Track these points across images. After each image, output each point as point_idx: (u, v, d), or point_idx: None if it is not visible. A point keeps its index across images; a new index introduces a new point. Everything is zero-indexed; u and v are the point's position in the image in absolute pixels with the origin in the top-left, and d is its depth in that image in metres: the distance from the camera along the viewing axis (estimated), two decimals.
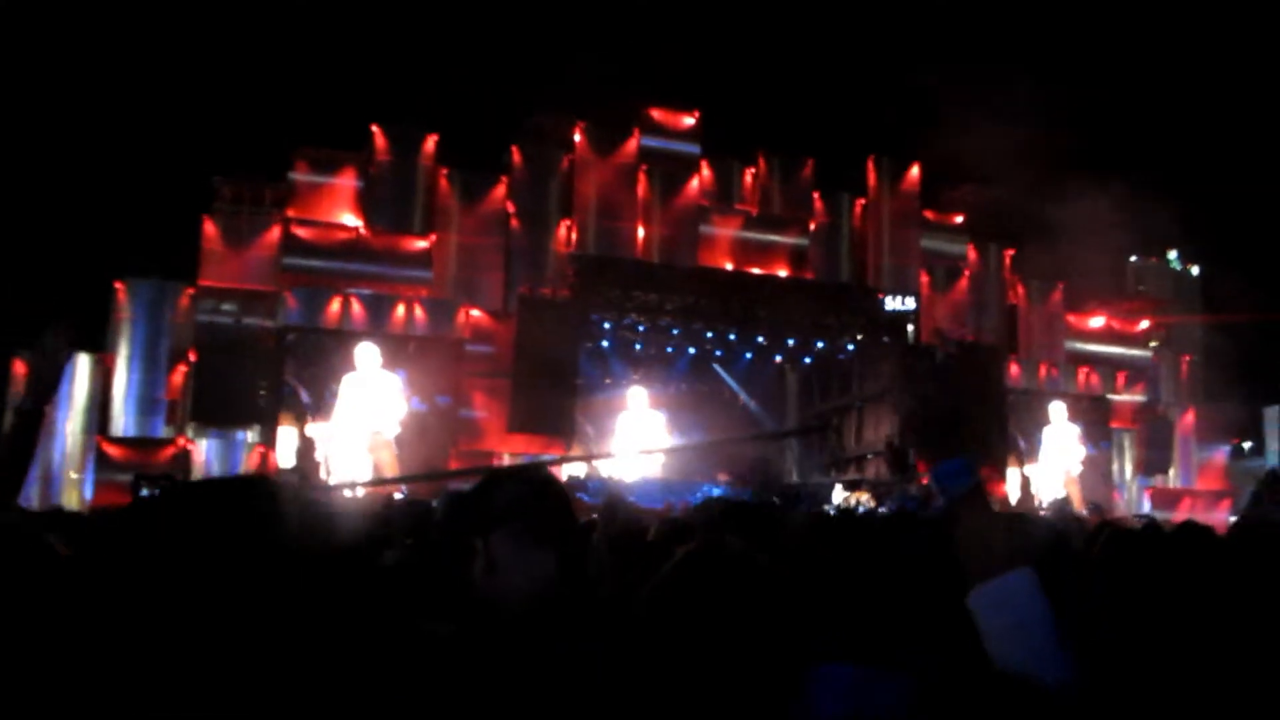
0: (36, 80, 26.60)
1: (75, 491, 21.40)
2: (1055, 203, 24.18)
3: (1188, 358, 29.92)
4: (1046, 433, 26.83)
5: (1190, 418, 29.39)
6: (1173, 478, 29.01)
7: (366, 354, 21.85)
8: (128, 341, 21.69)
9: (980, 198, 27.19)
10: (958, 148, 22.44)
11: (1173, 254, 30.96)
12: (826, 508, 22.41)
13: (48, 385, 2.98)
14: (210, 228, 21.94)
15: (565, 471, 23.06)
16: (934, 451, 2.40)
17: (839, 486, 24.89)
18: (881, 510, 19.72)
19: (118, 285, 21.91)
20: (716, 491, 22.20)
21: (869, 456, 27.84)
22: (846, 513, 10.41)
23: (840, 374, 29.52)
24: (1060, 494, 26.40)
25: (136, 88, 27.40)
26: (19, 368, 21.47)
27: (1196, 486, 29.04)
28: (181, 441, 21.22)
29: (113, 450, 20.83)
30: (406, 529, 6.27)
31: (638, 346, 27.30)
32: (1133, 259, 30.66)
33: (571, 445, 23.28)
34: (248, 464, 21.48)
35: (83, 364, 21.79)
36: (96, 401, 21.63)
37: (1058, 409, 27.01)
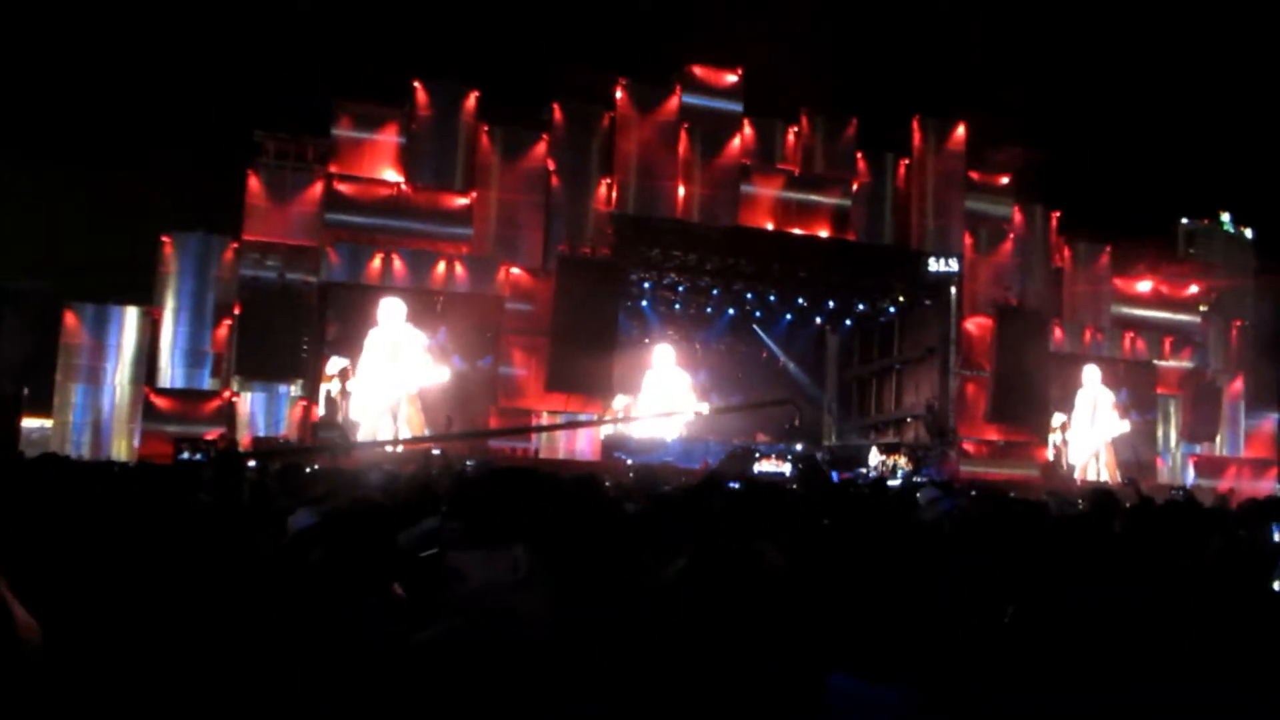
0: (86, 37, 26.84)
1: (125, 440, 21.90)
2: (1104, 163, 23.71)
3: (1238, 323, 29.32)
4: (1080, 397, 26.51)
5: (1239, 384, 28.89)
6: (1219, 445, 28.60)
7: (391, 309, 22.05)
8: (174, 295, 22.02)
9: (1026, 159, 26.71)
10: (1004, 108, 22.02)
11: (1225, 216, 30.17)
12: (861, 470, 22.44)
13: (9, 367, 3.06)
14: (254, 183, 22.12)
15: (603, 430, 23.24)
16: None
17: (875, 449, 24.85)
18: (919, 479, 19.71)
19: (164, 239, 22.21)
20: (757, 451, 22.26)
21: (908, 420, 27.72)
22: (879, 484, 10.40)
23: (882, 336, 29.34)
24: (1092, 464, 26.20)
25: (181, 43, 27.60)
26: (69, 318, 21.96)
27: (1244, 455, 28.62)
28: (227, 394, 21.60)
29: (160, 401, 21.25)
30: (446, 493, 6.35)
31: (677, 306, 27.26)
32: (1184, 221, 29.95)
33: (609, 404, 23.40)
34: (290, 417, 21.83)
35: (131, 317, 22.20)
36: (144, 354, 22.04)
37: (1091, 373, 26.66)
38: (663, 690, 1.54)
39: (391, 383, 21.79)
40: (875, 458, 23.92)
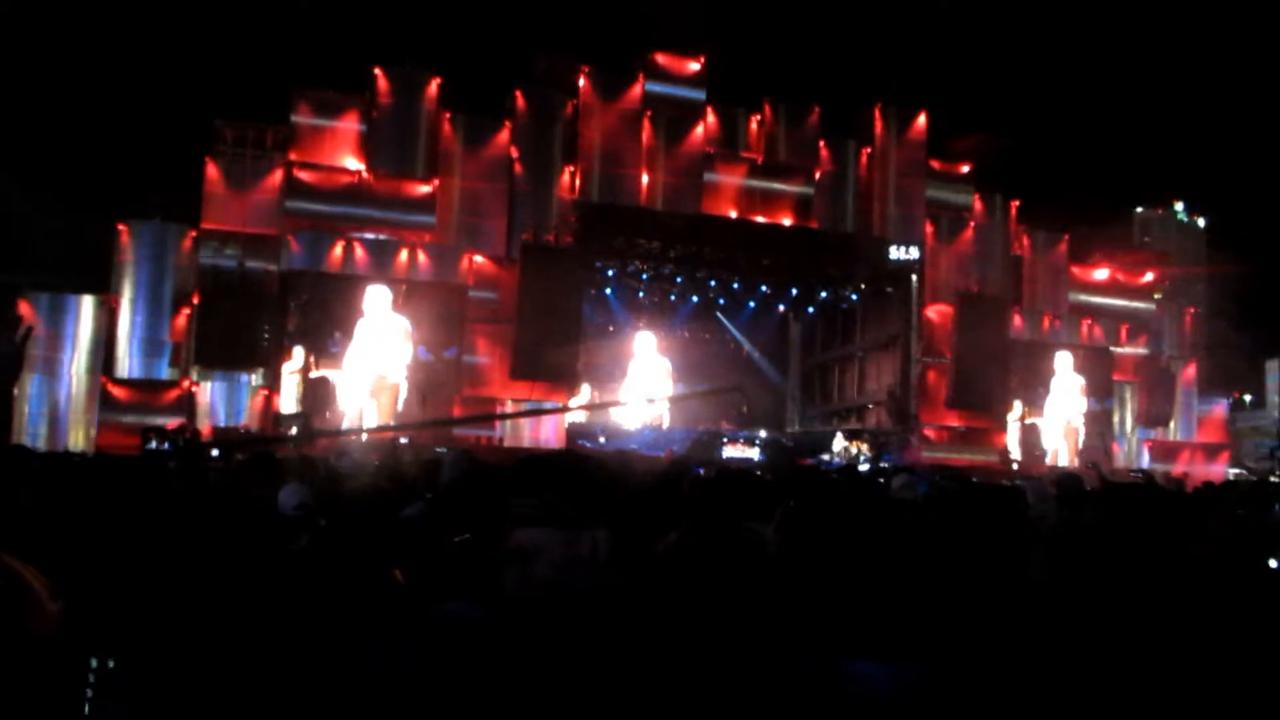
0: (42, 23, 26.34)
1: (81, 431, 21.56)
2: (1062, 153, 24.02)
3: (1191, 310, 29.87)
4: (1054, 384, 26.95)
5: (1192, 370, 29.43)
6: (1173, 430, 29.12)
7: (376, 297, 21.92)
8: (131, 284, 21.70)
9: (987, 148, 26.98)
10: (965, 97, 22.24)
11: (1179, 205, 30.70)
12: (825, 456, 22.64)
13: (9, 367, 3.01)
14: (212, 170, 21.84)
15: (568, 419, 23.25)
16: None
17: (839, 435, 25.06)
18: (882, 464, 19.92)
19: (121, 227, 21.86)
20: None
21: (870, 406, 27.96)
22: (850, 469, 10.50)
23: (844, 324, 29.55)
24: (1062, 448, 26.65)
25: (137, 28, 27.15)
26: (24, 308, 21.55)
27: (1196, 439, 29.15)
28: (186, 384, 21.33)
29: (118, 391, 20.95)
30: (424, 483, 6.33)
31: (641, 294, 27.31)
32: (1139, 210, 30.44)
33: (574, 392, 23.41)
34: (251, 407, 21.63)
35: (87, 306, 21.84)
36: (101, 343, 21.68)
37: (1064, 359, 27.08)
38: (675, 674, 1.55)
39: (375, 372, 21.69)
40: (839, 444, 24.12)
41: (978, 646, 1.93)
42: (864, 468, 17.46)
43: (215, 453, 9.57)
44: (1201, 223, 31.01)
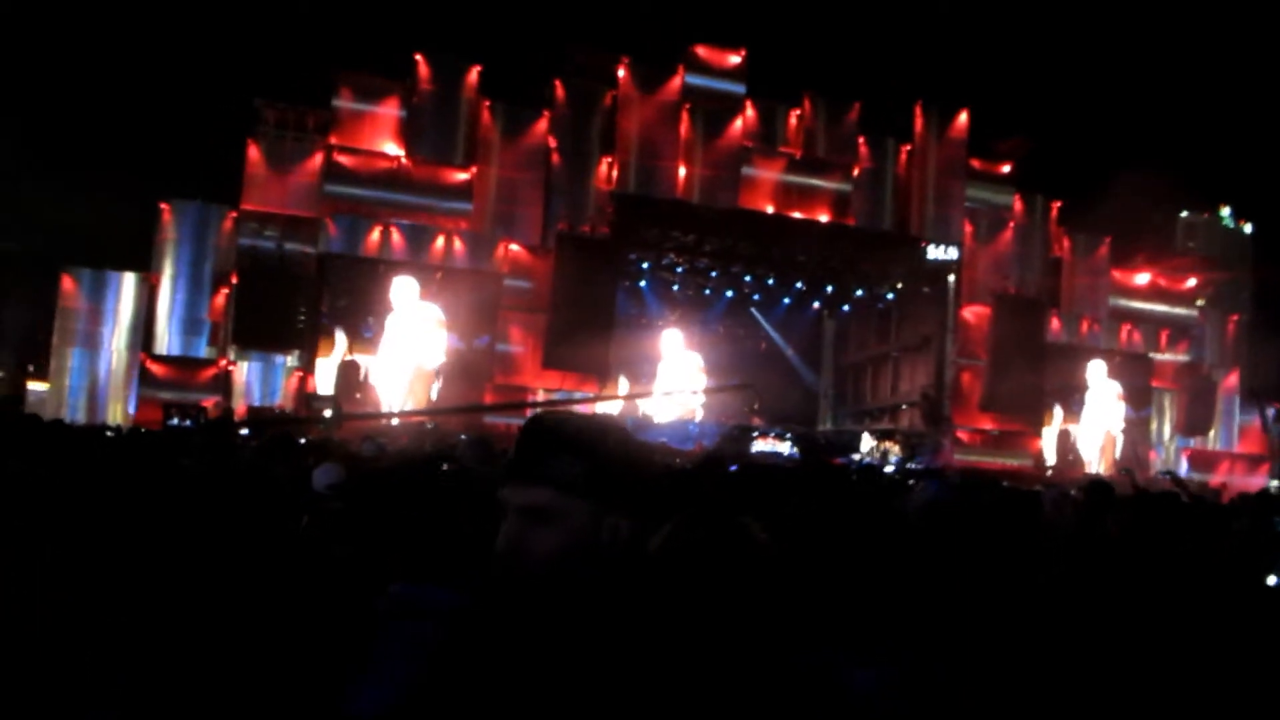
0: (88, 4, 26.69)
1: (120, 405, 21.91)
2: (1105, 155, 23.65)
3: (1235, 317, 29.35)
4: (1089, 393, 26.65)
5: (1234, 379, 28.94)
6: (1212, 439, 28.67)
7: (404, 287, 22.10)
8: (172, 262, 21.99)
9: (1029, 148, 26.65)
10: (1007, 96, 21.98)
11: (1225, 210, 30.14)
12: (854, 456, 22.52)
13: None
14: (254, 152, 22.06)
15: (598, 410, 23.28)
16: None
17: (866, 435, 24.90)
18: (912, 466, 19.78)
19: (163, 206, 22.16)
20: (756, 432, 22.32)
21: (903, 407, 27.76)
22: (869, 470, 10.43)
23: (878, 322, 29.35)
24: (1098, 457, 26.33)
25: (184, 9, 27.43)
26: (67, 283, 21.92)
27: (1237, 449, 28.69)
28: (223, 363, 21.62)
29: (156, 368, 21.27)
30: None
31: (675, 287, 27.26)
32: (1183, 214, 29.91)
33: (605, 383, 23.45)
34: (286, 388, 21.87)
35: (129, 283, 22.17)
36: (142, 320, 22.00)
37: (1097, 367, 26.74)
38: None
39: (413, 360, 21.87)
40: (868, 443, 23.98)
41: (961, 649, 1.92)
42: (891, 469, 17.33)
43: (245, 431, 9.68)
44: (1248, 228, 30.44)
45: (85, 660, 1.75)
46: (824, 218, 24.88)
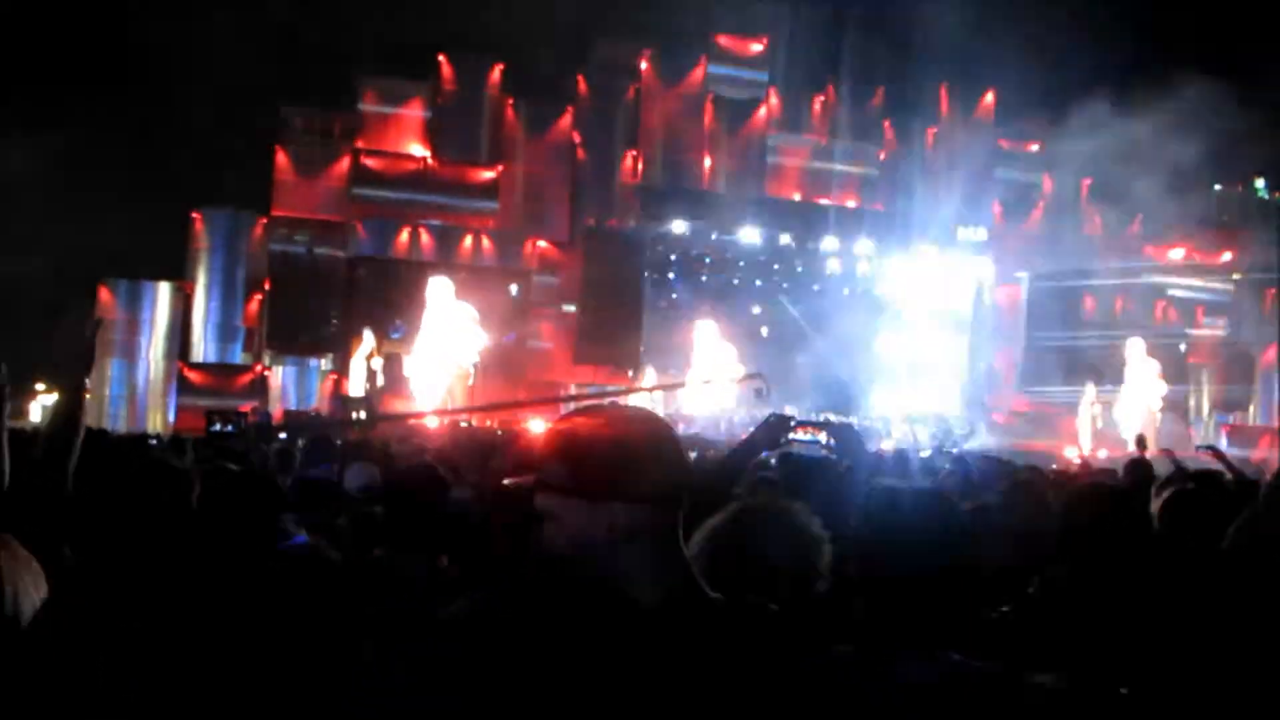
0: (115, 13, 26.97)
1: (160, 414, 22.22)
2: (1136, 129, 23.33)
3: (1272, 291, 28.91)
4: (1127, 370, 26.33)
5: (1272, 353, 28.50)
6: (1252, 415, 28.27)
7: (439, 287, 22.22)
8: (205, 270, 22.27)
9: (1057, 125, 26.35)
10: (1034, 73, 21.74)
11: (1260, 182, 29.68)
12: (885, 443, 22.37)
13: (83, 358, 3.08)
14: (282, 158, 22.30)
15: (632, 404, 23.30)
16: None
17: (896, 420, 24.72)
18: (950, 450, 19.62)
19: (195, 215, 22.43)
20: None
21: (937, 390, 27.55)
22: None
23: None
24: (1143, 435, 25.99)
25: (208, 18, 27.64)
26: (104, 294, 22.23)
27: (1277, 424, 28.27)
28: (259, 368, 21.86)
29: (193, 376, 21.55)
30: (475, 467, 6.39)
31: (704, 278, 27.20)
32: (1216, 187, 29.48)
33: (637, 376, 23.47)
34: (321, 391, 22.08)
35: (163, 292, 22.46)
36: (177, 328, 22.30)
37: (1136, 345, 26.41)
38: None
39: (450, 360, 21.97)
40: (899, 428, 23.83)
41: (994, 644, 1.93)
42: (925, 454, 17.20)
43: (283, 435, 9.82)
44: None
45: (98, 666, 1.81)
46: (851, 203, 24.78)
